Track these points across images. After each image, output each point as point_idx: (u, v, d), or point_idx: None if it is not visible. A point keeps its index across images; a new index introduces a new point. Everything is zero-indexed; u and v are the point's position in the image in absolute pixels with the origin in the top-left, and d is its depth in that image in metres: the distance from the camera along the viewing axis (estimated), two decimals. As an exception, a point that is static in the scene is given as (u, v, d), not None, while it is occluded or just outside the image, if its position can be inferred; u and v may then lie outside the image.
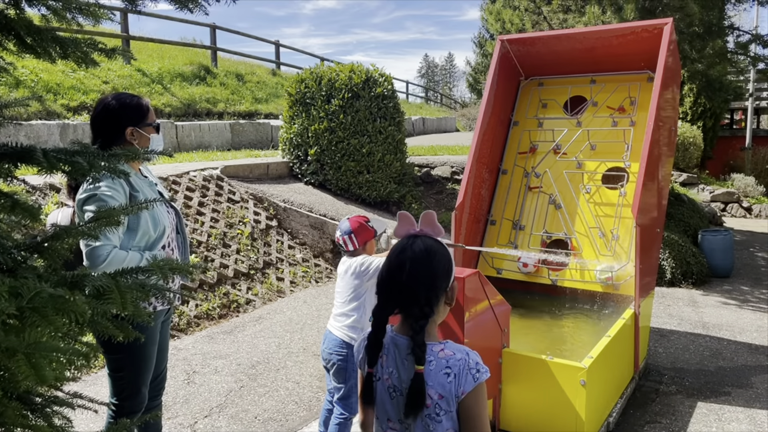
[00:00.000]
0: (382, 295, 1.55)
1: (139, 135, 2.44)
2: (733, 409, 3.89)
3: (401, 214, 1.66)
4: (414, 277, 1.51)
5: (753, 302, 6.76)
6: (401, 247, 1.57)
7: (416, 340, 1.47)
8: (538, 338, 4.02)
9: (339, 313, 3.02)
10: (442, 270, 1.55)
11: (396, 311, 1.54)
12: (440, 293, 1.55)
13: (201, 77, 13.11)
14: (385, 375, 1.55)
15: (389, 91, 8.36)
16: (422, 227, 1.63)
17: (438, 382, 1.47)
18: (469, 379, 1.47)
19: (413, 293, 1.50)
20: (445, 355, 1.49)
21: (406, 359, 1.51)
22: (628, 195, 4.58)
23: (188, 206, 6.33)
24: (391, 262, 1.56)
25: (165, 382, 2.79)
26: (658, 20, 4.52)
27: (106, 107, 2.39)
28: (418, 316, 1.49)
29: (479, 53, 31.77)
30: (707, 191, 14.62)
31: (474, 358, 1.51)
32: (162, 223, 2.40)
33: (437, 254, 1.56)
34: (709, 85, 8.68)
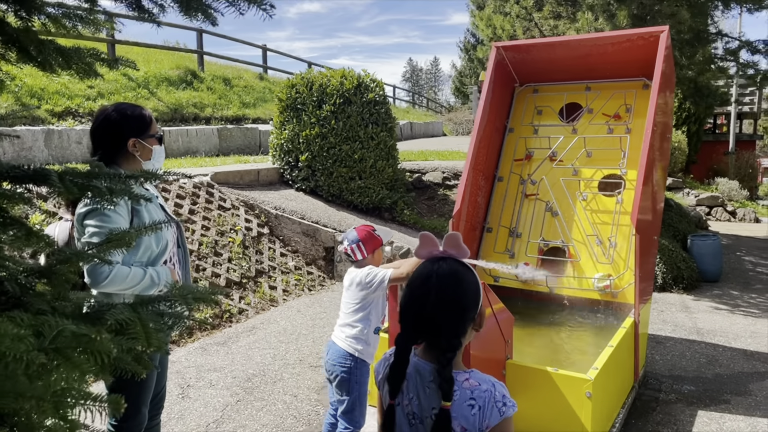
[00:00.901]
0: (406, 325, 1.45)
1: (141, 146, 2.36)
2: (733, 418, 3.88)
3: (423, 234, 1.54)
4: (441, 308, 1.41)
5: (744, 307, 6.81)
6: (426, 273, 1.45)
7: (444, 375, 1.37)
8: (539, 348, 3.99)
9: (343, 323, 2.96)
10: (471, 297, 1.46)
11: (420, 340, 1.46)
12: (468, 322, 1.46)
13: (188, 82, 12.97)
14: (405, 401, 1.47)
15: (381, 96, 8.31)
16: (446, 248, 1.50)
17: (461, 414, 1.38)
18: (494, 412, 1.39)
19: (440, 324, 1.41)
20: (470, 386, 1.41)
21: (428, 387, 1.43)
22: (625, 202, 4.58)
23: (178, 214, 6.21)
24: (414, 289, 1.45)
25: (164, 400, 2.70)
26: (654, 28, 4.53)
27: (107, 118, 2.31)
28: (446, 348, 1.39)
29: (465, 58, 31.93)
30: (692, 195, 14.78)
31: (500, 390, 1.42)
32: (165, 237, 2.33)
33: (465, 280, 1.45)
34: (697, 91, 8.77)
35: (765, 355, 5.11)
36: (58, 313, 0.90)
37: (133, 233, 1.29)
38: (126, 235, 1.25)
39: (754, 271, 8.86)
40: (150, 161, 2.41)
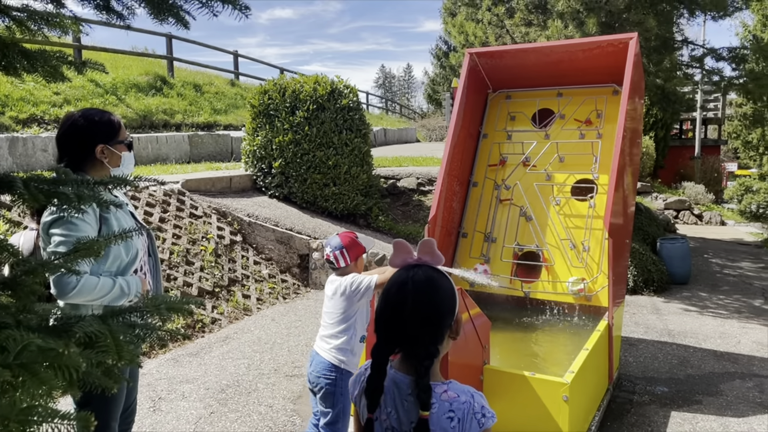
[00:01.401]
0: (382, 334, 1.41)
1: (110, 153, 2.29)
2: (706, 418, 3.95)
3: (397, 242, 1.51)
4: (418, 316, 1.37)
5: (712, 308, 6.95)
6: (401, 281, 1.42)
7: (421, 385, 1.34)
8: (515, 352, 4.00)
9: (327, 334, 2.90)
10: (448, 304, 1.43)
11: (397, 350, 1.42)
12: (445, 330, 1.43)
13: (157, 88, 12.76)
14: (383, 415, 1.43)
15: (355, 102, 8.30)
16: (421, 256, 1.48)
17: (440, 427, 1.35)
18: (474, 424, 1.36)
19: (417, 333, 1.38)
20: (449, 398, 1.38)
21: (407, 400, 1.39)
22: (597, 206, 4.63)
23: (148, 222, 6.08)
24: (389, 297, 1.42)
25: (135, 414, 2.62)
26: (623, 35, 4.61)
27: (74, 124, 2.23)
28: (423, 356, 1.36)
29: (437, 65, 32.18)
30: (661, 199, 15.10)
31: (479, 401, 1.40)
32: (135, 246, 2.26)
33: (441, 287, 1.43)
34: (664, 97, 8.97)
35: (734, 355, 5.22)
36: (23, 327, 0.85)
37: (101, 242, 1.24)
38: (94, 244, 1.20)
39: (721, 273, 9.07)
40: (119, 168, 2.33)
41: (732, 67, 9.11)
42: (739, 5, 9.09)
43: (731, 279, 8.66)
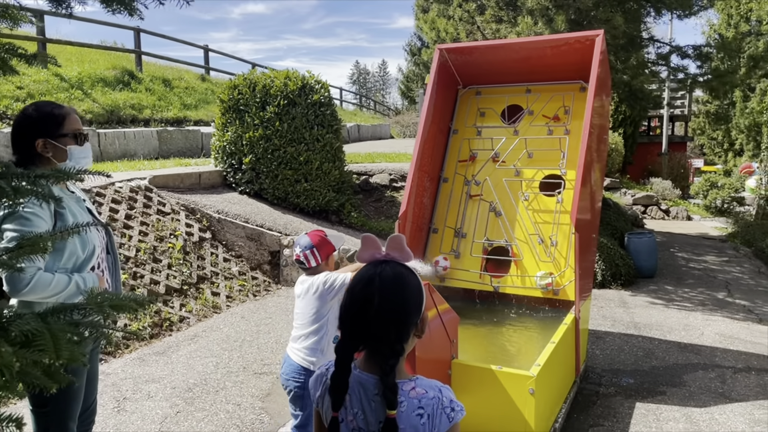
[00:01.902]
0: (347, 331, 1.39)
1: (52, 147, 2.19)
2: (669, 409, 4.03)
3: (365, 237, 1.48)
4: (384, 313, 1.35)
5: (677, 301, 7.11)
6: (368, 276, 1.39)
7: (387, 383, 1.32)
8: (484, 346, 4.02)
9: (298, 335, 2.87)
10: (415, 302, 1.41)
11: (361, 348, 1.40)
12: (411, 328, 1.41)
13: (125, 82, 12.50)
14: (350, 416, 1.40)
15: (326, 98, 8.24)
16: (389, 251, 1.45)
17: (410, 425, 1.34)
18: (443, 419, 1.36)
19: (383, 330, 1.35)
20: (417, 395, 1.37)
21: (373, 400, 1.37)
22: (564, 202, 4.68)
23: (114, 219, 5.96)
24: (355, 293, 1.39)
25: (95, 414, 2.56)
26: (590, 32, 4.66)
27: (18, 118, 2.16)
28: (389, 355, 1.34)
29: (411, 61, 32.20)
30: (629, 195, 15.38)
31: (447, 395, 1.39)
32: (91, 242, 2.20)
33: (409, 284, 1.41)
34: (632, 94, 9.12)
35: (697, 347, 5.34)
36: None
37: (49, 237, 1.20)
38: (39, 239, 1.16)
39: (687, 267, 9.28)
40: (67, 163, 2.24)
41: (697, 64, 9.33)
42: (704, 4, 9.28)
43: (696, 272, 8.86)
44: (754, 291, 7.71)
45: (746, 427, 3.77)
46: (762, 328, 5.98)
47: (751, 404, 4.12)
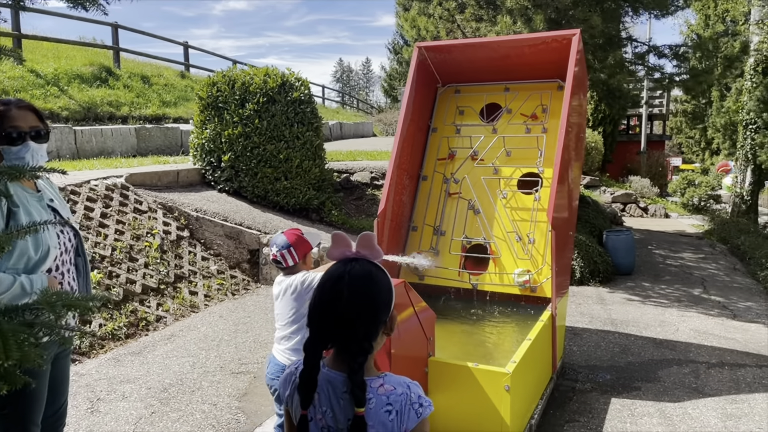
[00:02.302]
0: (315, 328, 1.39)
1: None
2: (644, 404, 4.08)
3: (335, 234, 1.49)
4: (353, 310, 1.35)
5: (654, 298, 7.20)
6: (337, 274, 1.40)
7: (355, 380, 1.32)
8: (462, 344, 4.03)
9: (281, 336, 2.86)
10: (384, 300, 1.41)
11: (330, 345, 1.40)
12: (380, 325, 1.41)
13: (102, 79, 12.33)
14: (319, 415, 1.40)
15: (306, 95, 8.20)
16: (359, 249, 1.45)
17: (379, 421, 1.34)
18: (412, 415, 1.36)
19: (352, 327, 1.35)
20: (385, 391, 1.37)
21: (342, 398, 1.37)
22: (542, 200, 4.72)
23: (89, 218, 5.87)
24: (325, 291, 1.39)
25: (65, 417, 2.51)
26: (567, 31, 4.69)
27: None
28: (357, 352, 1.34)
29: (394, 59, 32.19)
30: (608, 193, 15.54)
31: (416, 390, 1.40)
32: (46, 243, 2.12)
33: (378, 282, 1.41)
34: (610, 93, 9.22)
35: (673, 342, 5.42)
36: None
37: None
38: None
39: (664, 264, 9.41)
40: (26, 158, 2.17)
41: (673, 64, 9.46)
42: (681, 5, 9.41)
43: (673, 269, 8.99)
44: (729, 287, 7.84)
45: (718, 422, 3.83)
46: (736, 324, 6.08)
47: (723, 399, 4.19)
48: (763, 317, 6.37)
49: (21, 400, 2.12)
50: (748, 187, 13.32)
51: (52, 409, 2.34)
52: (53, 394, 2.34)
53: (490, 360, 3.64)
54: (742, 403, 4.11)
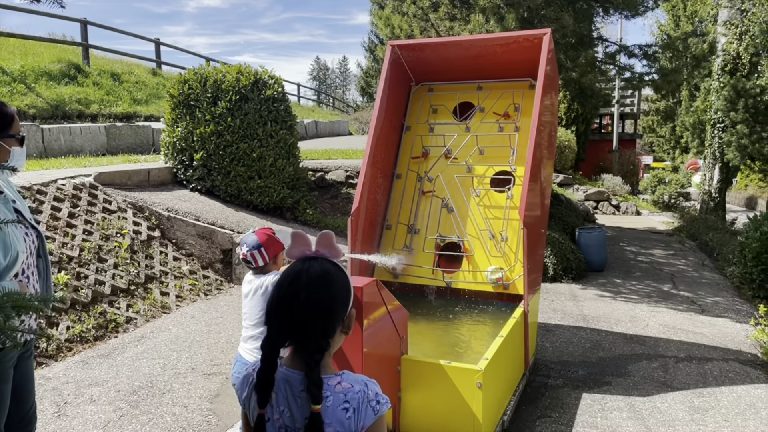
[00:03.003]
0: (273, 326, 1.39)
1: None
2: (614, 398, 4.14)
3: (295, 233, 1.50)
4: (309, 308, 1.37)
5: (625, 293, 7.32)
6: (295, 272, 1.41)
7: (311, 378, 1.33)
8: (435, 342, 4.04)
9: (248, 336, 2.83)
10: (341, 298, 1.42)
11: (287, 343, 1.40)
12: (337, 324, 1.42)
13: (71, 76, 12.06)
14: (276, 415, 1.40)
15: (280, 93, 8.13)
16: (318, 248, 1.47)
17: (336, 419, 1.35)
18: (369, 412, 1.37)
19: (308, 325, 1.36)
20: (343, 389, 1.38)
21: (299, 396, 1.37)
22: (514, 197, 4.75)
23: (56, 218, 5.74)
24: (282, 289, 1.40)
25: (35, 422, 2.45)
26: (538, 30, 4.73)
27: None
28: (314, 349, 1.35)
29: (370, 58, 32.17)
30: (581, 191, 15.76)
31: (373, 388, 1.41)
32: (14, 248, 2.06)
33: (336, 281, 1.42)
34: (581, 92, 9.34)
35: (642, 337, 5.51)
36: None
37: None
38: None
39: (635, 260, 9.57)
40: (6, 164, 2.13)
41: (643, 63, 9.63)
42: (650, 5, 9.58)
43: (643, 265, 9.14)
44: (697, 283, 8.01)
45: (686, 415, 3.90)
46: (703, 319, 6.21)
47: (691, 392, 4.27)
48: (730, 312, 6.52)
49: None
50: (716, 184, 13.62)
51: (19, 413, 2.28)
52: (19, 397, 2.28)
53: (462, 357, 3.65)
54: (709, 397, 4.20)
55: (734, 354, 5.10)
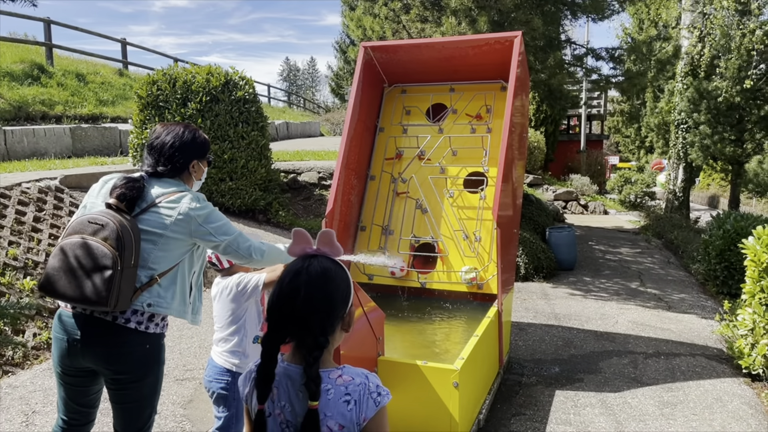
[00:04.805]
0: (273, 322, 1.41)
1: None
2: (586, 395, 4.22)
3: (296, 231, 1.51)
4: (310, 304, 1.38)
5: (595, 292, 7.46)
6: (296, 269, 1.43)
7: (310, 373, 1.35)
8: (411, 342, 4.06)
9: (219, 338, 2.81)
10: (341, 296, 1.44)
11: (288, 339, 1.42)
12: (337, 321, 1.44)
13: (34, 77, 11.75)
14: (277, 410, 1.41)
15: (251, 94, 8.05)
16: (320, 246, 1.49)
17: (338, 412, 1.37)
18: (370, 404, 1.39)
19: (308, 322, 1.38)
20: (344, 382, 1.40)
21: (300, 391, 1.39)
22: (487, 198, 4.80)
23: (21, 222, 5.58)
24: (283, 286, 1.42)
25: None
26: (509, 33, 4.79)
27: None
28: (313, 346, 1.37)
29: (341, 58, 32.08)
30: (551, 191, 16.00)
31: (374, 380, 1.43)
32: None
33: (336, 278, 1.44)
34: (551, 93, 9.50)
35: (612, 334, 5.63)
36: None
37: None
38: None
39: (604, 259, 9.77)
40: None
41: (610, 66, 9.86)
42: (616, 9, 9.80)
43: (612, 264, 9.34)
44: (664, 280, 8.21)
45: (656, 410, 4.00)
46: (671, 315, 6.37)
47: (660, 387, 4.38)
48: (696, 308, 6.71)
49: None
50: (680, 184, 13.98)
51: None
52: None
53: (439, 357, 3.67)
54: (678, 391, 4.31)
55: (701, 349, 5.25)
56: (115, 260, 2.07)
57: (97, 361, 2.23)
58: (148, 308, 2.23)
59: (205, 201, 2.40)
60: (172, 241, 2.27)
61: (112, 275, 2.07)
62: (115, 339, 2.19)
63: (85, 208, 2.35)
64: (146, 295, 2.23)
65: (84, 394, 2.38)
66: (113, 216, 2.16)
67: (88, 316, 2.19)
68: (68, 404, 2.39)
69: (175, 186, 2.38)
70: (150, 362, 2.28)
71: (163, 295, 2.27)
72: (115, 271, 2.07)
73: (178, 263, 2.32)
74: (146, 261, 2.23)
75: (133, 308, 2.20)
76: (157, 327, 2.30)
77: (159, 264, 2.25)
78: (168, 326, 2.43)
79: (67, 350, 2.24)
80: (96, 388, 2.41)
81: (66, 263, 2.09)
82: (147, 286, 2.22)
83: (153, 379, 2.32)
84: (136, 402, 2.31)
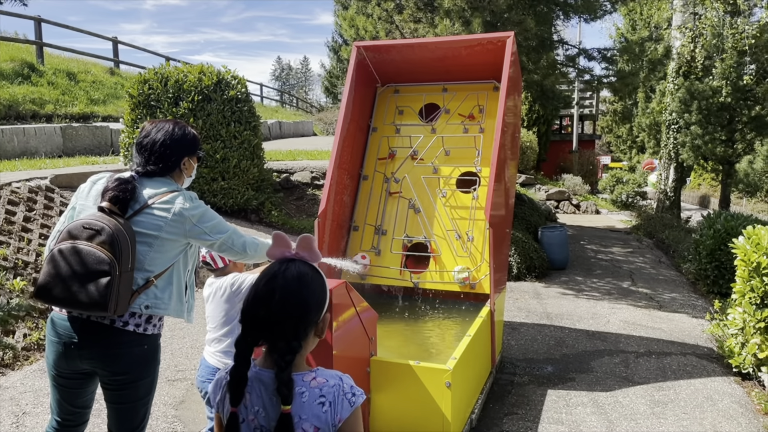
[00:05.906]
0: (246, 325, 1.41)
1: None
2: (578, 394, 4.24)
3: (276, 234, 1.51)
4: (283, 308, 1.38)
5: (587, 291, 7.50)
6: (272, 272, 1.43)
7: (281, 378, 1.34)
8: (404, 342, 4.06)
9: (212, 338, 2.81)
10: (316, 301, 1.44)
11: (260, 343, 1.41)
12: (310, 326, 1.44)
13: (24, 75, 11.66)
14: (251, 415, 1.40)
15: (243, 94, 8.03)
16: (298, 251, 1.48)
17: (313, 414, 1.37)
18: (345, 405, 1.39)
19: (281, 325, 1.38)
20: (318, 384, 1.40)
21: (274, 396, 1.38)
22: (480, 198, 4.81)
23: (11, 222, 5.54)
24: (258, 289, 1.41)
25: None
26: (501, 33, 4.80)
27: None
28: (285, 351, 1.37)
29: (334, 58, 32.07)
30: (543, 191, 16.06)
31: (348, 381, 1.44)
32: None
33: (312, 283, 1.44)
34: (543, 93, 9.54)
35: (604, 334, 5.65)
36: None
37: None
38: None
39: (596, 258, 9.81)
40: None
41: (602, 66, 9.91)
42: (608, 9, 9.84)
43: (604, 263, 9.38)
44: (655, 279, 8.26)
45: (647, 409, 4.02)
46: (662, 314, 6.41)
47: (651, 386, 4.41)
48: (687, 307, 6.75)
49: None
50: (671, 183, 14.06)
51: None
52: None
53: (431, 357, 3.68)
54: (669, 390, 4.34)
55: (691, 348, 5.28)
56: (113, 265, 2.06)
57: (95, 364, 2.22)
58: (146, 310, 2.22)
59: (198, 200, 2.39)
60: (167, 243, 2.26)
61: (111, 281, 2.05)
62: (113, 341, 2.18)
63: (74, 210, 2.33)
64: (143, 298, 2.22)
65: (79, 396, 2.37)
66: (108, 220, 2.14)
67: (84, 320, 2.18)
68: (62, 405, 2.37)
69: (166, 185, 2.37)
70: (148, 363, 2.28)
71: (160, 297, 2.26)
72: (114, 276, 2.06)
73: (173, 264, 2.31)
74: (142, 263, 2.21)
75: (131, 311, 2.19)
76: (154, 328, 2.29)
77: (155, 266, 2.24)
78: (163, 326, 2.43)
79: (63, 353, 2.22)
80: (91, 389, 2.40)
81: (62, 269, 2.07)
82: (144, 289, 2.21)
83: (150, 379, 2.32)
84: (132, 402, 2.31)
